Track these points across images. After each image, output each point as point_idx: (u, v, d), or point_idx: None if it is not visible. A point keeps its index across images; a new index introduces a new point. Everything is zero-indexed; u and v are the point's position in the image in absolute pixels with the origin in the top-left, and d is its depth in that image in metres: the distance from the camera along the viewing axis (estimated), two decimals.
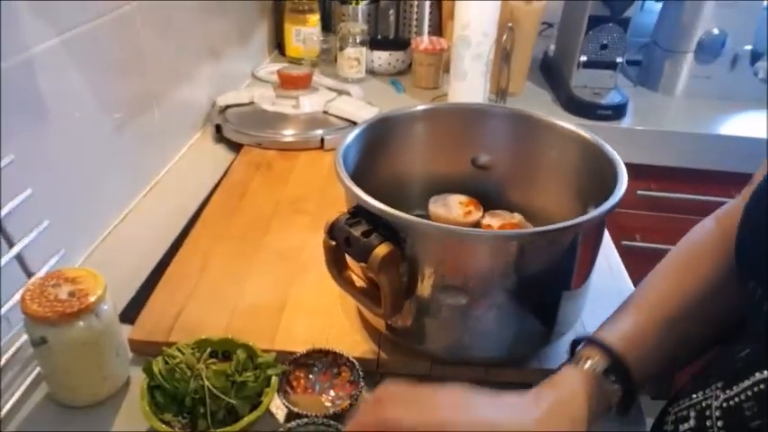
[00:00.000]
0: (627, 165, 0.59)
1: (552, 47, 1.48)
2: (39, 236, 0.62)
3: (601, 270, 0.64)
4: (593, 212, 0.51)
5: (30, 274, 0.61)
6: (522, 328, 0.57)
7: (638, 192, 1.28)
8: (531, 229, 0.52)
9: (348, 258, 0.58)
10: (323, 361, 0.60)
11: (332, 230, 0.54)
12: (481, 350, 0.57)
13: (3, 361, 0.58)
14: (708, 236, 0.54)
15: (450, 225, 0.70)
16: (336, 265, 0.58)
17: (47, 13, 0.65)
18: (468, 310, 0.54)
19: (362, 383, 0.56)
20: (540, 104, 1.30)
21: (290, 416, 0.56)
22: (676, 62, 1.38)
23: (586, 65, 1.28)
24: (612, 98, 1.28)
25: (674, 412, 0.46)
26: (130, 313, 0.66)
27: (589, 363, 0.46)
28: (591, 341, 0.48)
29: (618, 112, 1.25)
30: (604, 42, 1.27)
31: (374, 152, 0.68)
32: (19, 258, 0.60)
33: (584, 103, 1.25)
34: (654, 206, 1.31)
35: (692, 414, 0.43)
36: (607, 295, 0.71)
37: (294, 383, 0.58)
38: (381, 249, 0.50)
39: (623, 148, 0.63)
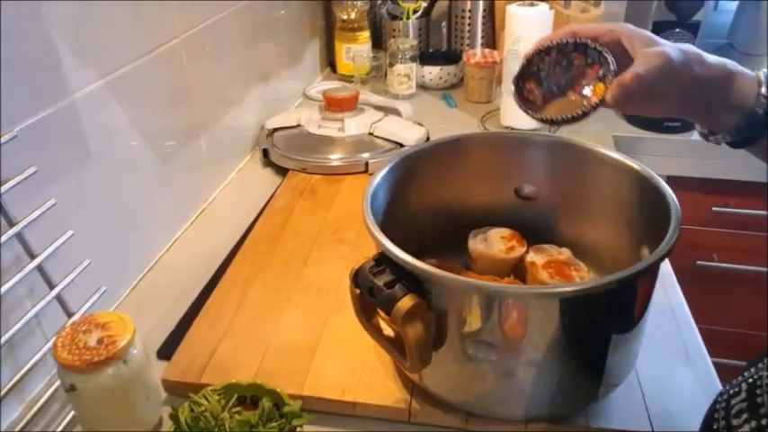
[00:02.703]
0: (698, 180, 0.53)
1: None
2: (80, 274, 0.63)
3: (659, 309, 0.59)
4: (638, 265, 0.46)
5: (70, 314, 0.63)
6: (563, 384, 0.52)
7: (714, 208, 1.18)
8: (563, 287, 0.47)
9: None
10: (546, 60, 0.55)
11: (356, 279, 0.52)
12: (518, 407, 0.53)
13: (42, 401, 0.59)
14: None
15: (487, 266, 0.66)
16: (365, 312, 0.55)
17: (89, 58, 0.67)
18: (500, 366, 0.50)
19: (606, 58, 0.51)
20: (601, 117, 1.22)
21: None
22: (754, 67, 1.25)
23: None
24: None
25: (727, 390, 0.45)
26: (169, 347, 0.66)
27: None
28: None
29: (687, 123, 1.15)
30: None
31: (412, 183, 0.65)
32: (59, 299, 0.61)
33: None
34: (731, 224, 1.20)
35: (744, 387, 0.43)
36: (666, 337, 0.65)
37: (530, 98, 0.56)
38: (405, 303, 0.47)
39: (693, 161, 0.57)
